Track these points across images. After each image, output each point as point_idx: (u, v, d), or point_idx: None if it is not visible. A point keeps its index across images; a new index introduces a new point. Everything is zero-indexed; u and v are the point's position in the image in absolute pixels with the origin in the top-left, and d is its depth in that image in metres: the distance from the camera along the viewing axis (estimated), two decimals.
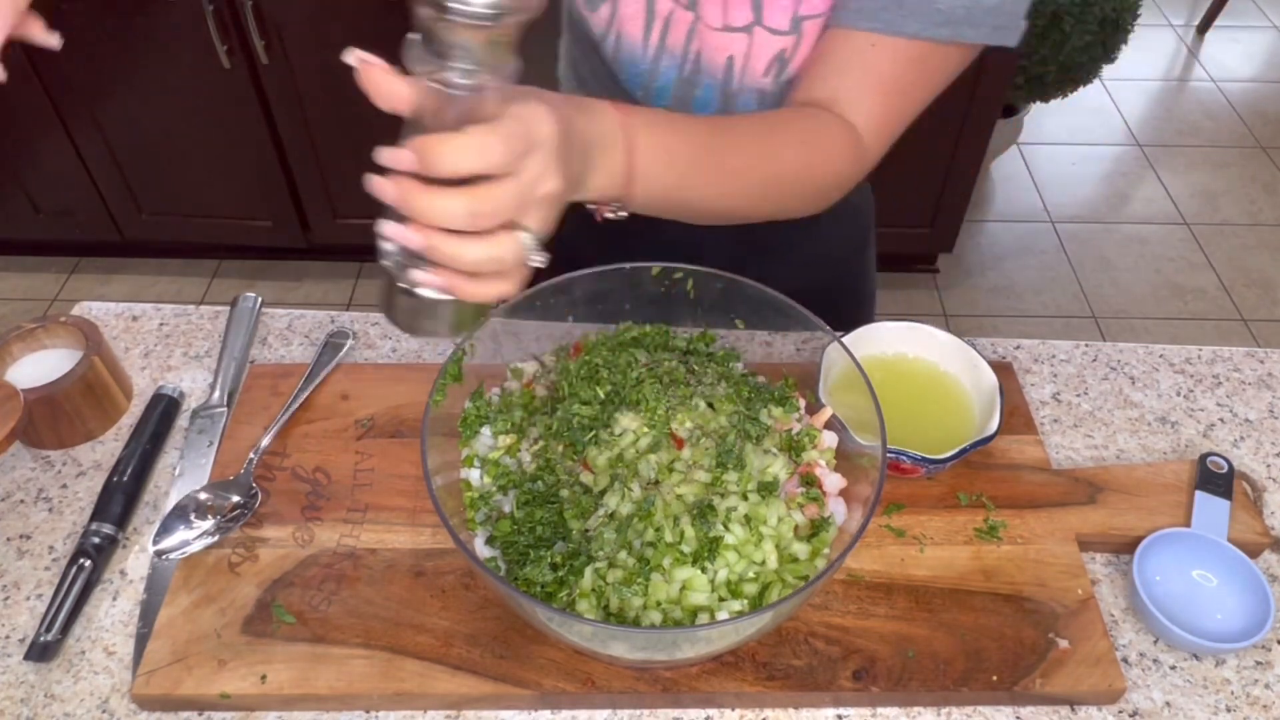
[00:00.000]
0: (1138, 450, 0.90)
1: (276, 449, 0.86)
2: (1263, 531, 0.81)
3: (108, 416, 0.88)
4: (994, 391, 0.83)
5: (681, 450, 0.72)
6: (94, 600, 0.76)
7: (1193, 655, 0.75)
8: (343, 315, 1.01)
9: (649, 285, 0.82)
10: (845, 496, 0.74)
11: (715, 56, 0.84)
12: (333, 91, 2.10)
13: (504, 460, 0.75)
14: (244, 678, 0.70)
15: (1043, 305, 2.55)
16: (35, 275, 2.55)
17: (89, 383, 0.85)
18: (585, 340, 0.82)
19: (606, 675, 0.71)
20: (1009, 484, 0.84)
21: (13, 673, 0.72)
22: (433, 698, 0.70)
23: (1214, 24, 3.54)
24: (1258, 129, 3.13)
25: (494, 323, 0.78)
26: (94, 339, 0.87)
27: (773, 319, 0.79)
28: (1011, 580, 0.77)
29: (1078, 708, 0.72)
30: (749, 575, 0.68)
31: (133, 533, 0.81)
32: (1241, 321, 2.50)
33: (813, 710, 0.72)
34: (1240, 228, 2.78)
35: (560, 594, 0.67)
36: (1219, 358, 0.99)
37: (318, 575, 0.76)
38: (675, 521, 0.68)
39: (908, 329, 0.89)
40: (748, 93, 0.86)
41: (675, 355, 0.81)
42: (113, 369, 0.88)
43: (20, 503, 0.84)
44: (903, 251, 2.50)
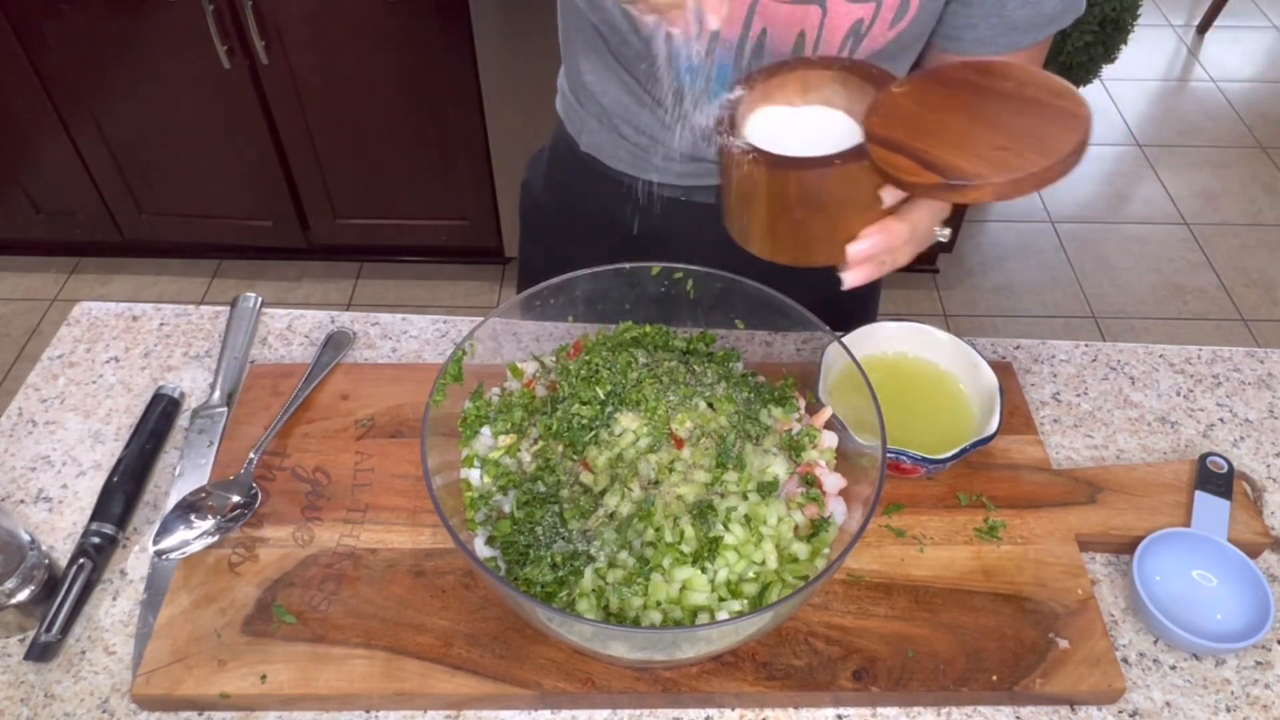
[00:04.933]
0: (1138, 450, 0.90)
1: (276, 449, 0.86)
2: (1263, 531, 0.81)
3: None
4: (994, 391, 0.82)
5: (681, 450, 0.72)
6: (94, 600, 0.76)
7: (1193, 655, 0.75)
8: (343, 315, 1.01)
9: (649, 285, 0.82)
10: (845, 496, 0.74)
11: (784, 34, 0.78)
12: (333, 91, 2.11)
13: (504, 460, 0.75)
14: (244, 678, 0.70)
15: (1043, 305, 2.55)
16: (35, 275, 2.55)
17: None
18: (585, 340, 0.82)
19: (606, 675, 0.71)
20: (1009, 484, 0.84)
21: (13, 673, 0.72)
22: (433, 698, 0.70)
23: (1214, 24, 3.54)
24: (1258, 129, 3.12)
25: (494, 323, 0.78)
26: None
27: (773, 319, 0.79)
28: (1011, 580, 0.77)
29: (1078, 708, 0.72)
30: (749, 575, 0.68)
31: (133, 533, 0.81)
32: (1241, 321, 2.50)
33: (813, 710, 0.72)
34: (1240, 228, 2.78)
35: (560, 594, 0.67)
36: (1219, 358, 0.99)
37: (318, 575, 0.76)
38: (675, 521, 0.68)
39: (908, 329, 0.89)
40: None
41: (675, 355, 0.81)
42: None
43: (21, 503, 0.84)
44: None
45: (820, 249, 0.61)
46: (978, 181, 0.51)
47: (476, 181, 2.27)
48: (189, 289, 2.54)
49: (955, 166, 0.52)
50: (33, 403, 0.92)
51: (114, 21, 1.98)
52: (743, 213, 0.62)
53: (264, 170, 2.26)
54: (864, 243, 0.59)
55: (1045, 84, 0.56)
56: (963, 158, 0.53)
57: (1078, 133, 0.52)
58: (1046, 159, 0.51)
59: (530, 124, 2.08)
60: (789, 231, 0.61)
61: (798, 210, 0.59)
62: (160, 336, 0.99)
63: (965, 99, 0.57)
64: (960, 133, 0.54)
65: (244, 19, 1.95)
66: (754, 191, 0.59)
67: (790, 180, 0.57)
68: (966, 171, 0.52)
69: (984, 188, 0.51)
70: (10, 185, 2.32)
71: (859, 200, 0.58)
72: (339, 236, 2.42)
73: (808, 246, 0.61)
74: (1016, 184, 0.51)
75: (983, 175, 0.51)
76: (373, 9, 1.95)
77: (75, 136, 2.20)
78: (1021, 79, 0.57)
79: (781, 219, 0.60)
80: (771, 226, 0.61)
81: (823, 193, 0.57)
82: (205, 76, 2.05)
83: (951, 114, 0.56)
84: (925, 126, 0.55)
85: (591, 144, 0.97)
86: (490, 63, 2.02)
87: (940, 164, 0.52)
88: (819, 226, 0.60)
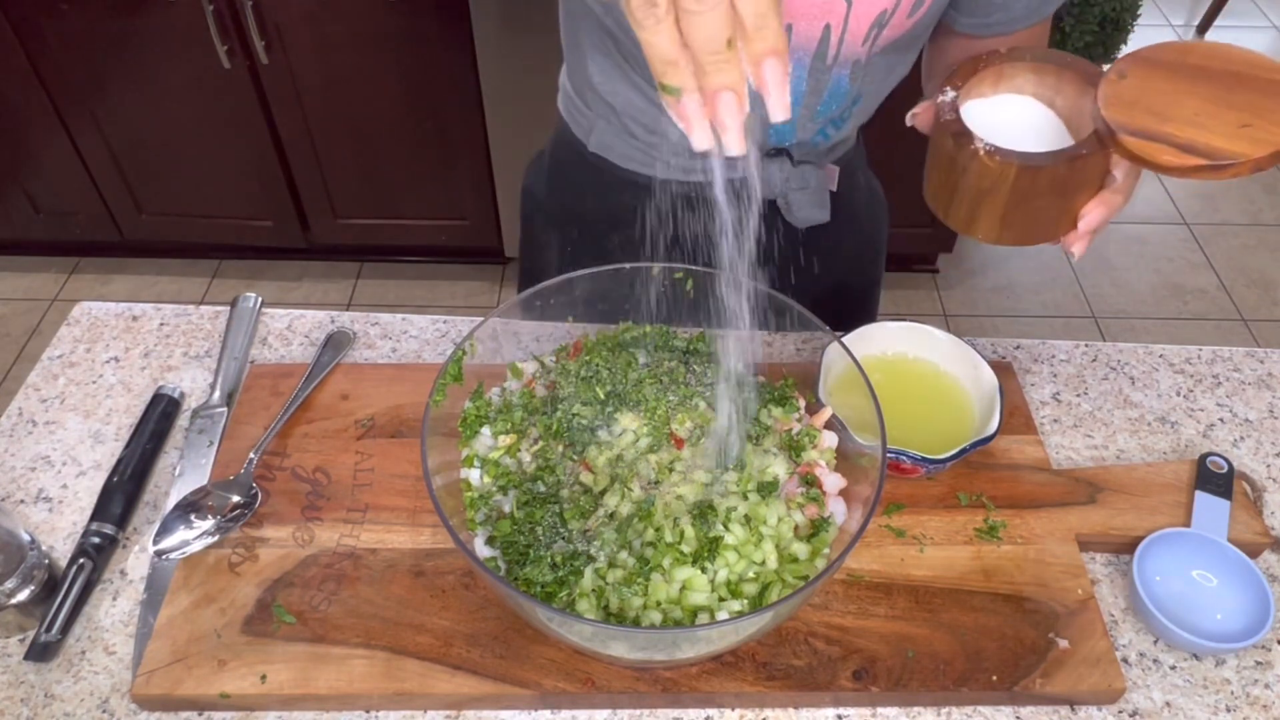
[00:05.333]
0: (1138, 450, 0.90)
1: (276, 449, 0.86)
2: (1263, 531, 0.81)
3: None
4: (994, 391, 0.82)
5: (681, 450, 0.72)
6: (94, 600, 0.76)
7: (1193, 655, 0.75)
8: (343, 315, 1.01)
9: (649, 285, 0.82)
10: (845, 496, 0.74)
11: (810, 28, 0.78)
12: (333, 91, 2.11)
13: (504, 460, 0.75)
14: (244, 678, 0.70)
15: (1043, 305, 2.55)
16: (35, 275, 2.55)
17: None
18: (585, 340, 0.82)
19: (606, 675, 0.71)
20: (1009, 484, 0.84)
21: (13, 673, 0.72)
22: (433, 698, 0.70)
23: (1214, 24, 3.54)
24: None
25: (494, 323, 0.78)
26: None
27: (773, 319, 0.79)
28: (1011, 580, 0.77)
29: (1078, 708, 0.72)
30: (749, 575, 0.68)
31: (133, 533, 0.81)
32: (1241, 321, 2.50)
33: (813, 710, 0.72)
34: (1240, 228, 2.78)
35: (560, 594, 0.67)
36: (1219, 358, 0.99)
37: (318, 575, 0.76)
38: (675, 521, 0.68)
39: (908, 329, 0.89)
40: (841, 68, 0.82)
41: (675, 355, 0.81)
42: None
43: (21, 503, 0.84)
44: (903, 251, 2.50)
45: (1050, 229, 0.67)
46: (1241, 158, 0.55)
47: (476, 182, 2.27)
48: (189, 289, 2.54)
49: (1214, 147, 0.56)
50: (33, 403, 0.92)
51: (114, 21, 1.98)
52: (974, 205, 0.66)
53: (264, 170, 2.26)
54: (1092, 217, 0.65)
55: (1250, 60, 0.60)
56: (1215, 137, 0.57)
57: None
58: None
59: (530, 124, 2.08)
60: (1024, 218, 0.66)
61: (1040, 200, 0.64)
62: (160, 336, 0.99)
63: (1185, 81, 0.61)
64: (1198, 113, 0.58)
65: (244, 19, 1.95)
66: (996, 187, 0.64)
67: (1040, 175, 0.62)
68: (1227, 151, 0.56)
69: (1244, 164, 0.56)
70: (10, 185, 2.32)
71: (1092, 182, 0.64)
72: (339, 236, 2.42)
73: (1040, 229, 0.67)
74: (1275, 156, 0.56)
75: (1243, 152, 0.56)
76: (373, 9, 1.95)
77: (75, 136, 2.20)
78: (1224, 57, 0.61)
79: (1020, 209, 0.65)
80: (1006, 215, 0.66)
81: (1068, 183, 0.63)
82: (205, 76, 2.05)
83: (1180, 96, 0.60)
84: (1162, 111, 0.59)
85: (600, 144, 0.97)
86: (490, 63, 2.02)
87: (1198, 147, 0.57)
88: (1054, 210, 0.65)
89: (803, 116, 0.86)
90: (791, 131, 0.88)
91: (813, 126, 0.89)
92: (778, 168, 0.93)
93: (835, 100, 0.86)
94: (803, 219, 0.96)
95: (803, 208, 0.95)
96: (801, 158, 0.93)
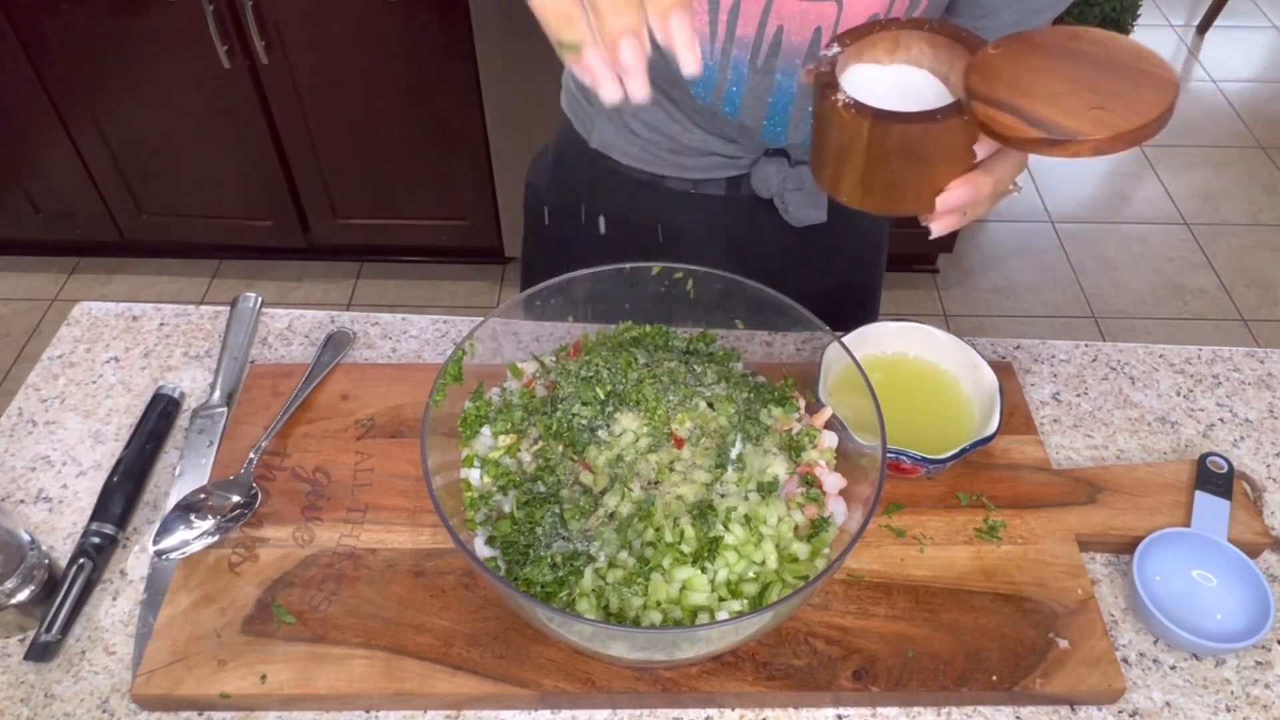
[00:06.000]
0: (1138, 450, 0.90)
1: (276, 449, 0.86)
2: (1263, 531, 0.81)
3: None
4: (994, 391, 0.82)
5: (681, 450, 0.72)
6: (94, 600, 0.76)
7: (1193, 655, 0.75)
8: (343, 315, 1.01)
9: (649, 285, 0.82)
10: (845, 496, 0.74)
11: (800, 31, 0.78)
12: (333, 91, 2.11)
13: (504, 460, 0.75)
14: (244, 678, 0.70)
15: (1043, 305, 2.55)
16: (35, 275, 2.55)
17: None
18: (585, 340, 0.82)
19: (606, 675, 0.71)
20: (1009, 484, 0.84)
21: (13, 673, 0.72)
22: (433, 698, 0.70)
23: (1214, 24, 3.54)
24: (1258, 129, 3.12)
25: (494, 323, 0.78)
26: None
27: (773, 319, 0.79)
28: (1011, 580, 0.77)
29: (1078, 708, 0.72)
30: (749, 575, 0.68)
31: (133, 533, 0.81)
32: (1241, 321, 2.50)
33: (813, 710, 0.72)
34: (1240, 228, 2.78)
35: (560, 594, 0.67)
36: (1219, 358, 0.99)
37: (318, 575, 0.76)
38: (675, 521, 0.68)
39: (908, 329, 0.89)
40: None
41: (675, 355, 0.81)
42: None
43: (21, 503, 0.84)
44: (903, 251, 2.50)
45: (910, 199, 0.65)
46: (1080, 137, 0.56)
47: (476, 181, 2.27)
48: (189, 289, 2.54)
49: (1058, 123, 0.56)
50: (33, 403, 0.92)
51: (114, 21, 1.98)
52: (838, 162, 0.65)
53: (264, 170, 2.26)
54: (952, 194, 0.63)
55: (1132, 50, 0.60)
56: (1063, 115, 0.57)
57: (1168, 95, 0.57)
58: (1141, 119, 0.56)
59: (531, 124, 2.08)
60: (883, 182, 0.64)
61: (895, 161, 0.62)
62: (160, 336, 0.99)
63: (1058, 62, 0.61)
64: (1058, 92, 0.58)
65: (244, 19, 1.95)
66: (853, 143, 0.62)
67: (893, 133, 0.61)
68: (1069, 128, 0.56)
69: (1085, 143, 0.56)
70: (10, 185, 2.32)
71: (953, 154, 0.62)
72: (339, 236, 2.42)
73: (899, 196, 0.65)
74: (1114, 140, 0.56)
75: (1084, 131, 0.56)
76: (373, 9, 1.95)
77: (75, 136, 2.20)
78: (1109, 44, 0.61)
79: (878, 169, 0.64)
80: (865, 177, 0.64)
81: (922, 146, 0.61)
82: (205, 76, 2.05)
83: (1047, 75, 0.60)
84: (1024, 86, 0.59)
85: (601, 141, 0.97)
86: (490, 63, 2.02)
87: (1043, 120, 0.57)
88: (912, 177, 0.64)
89: (796, 117, 0.86)
90: (785, 132, 0.88)
91: (806, 128, 0.89)
92: (774, 168, 0.93)
93: None
94: (799, 219, 0.96)
95: (799, 208, 0.95)
96: (799, 158, 0.94)
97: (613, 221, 1.02)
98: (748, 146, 0.92)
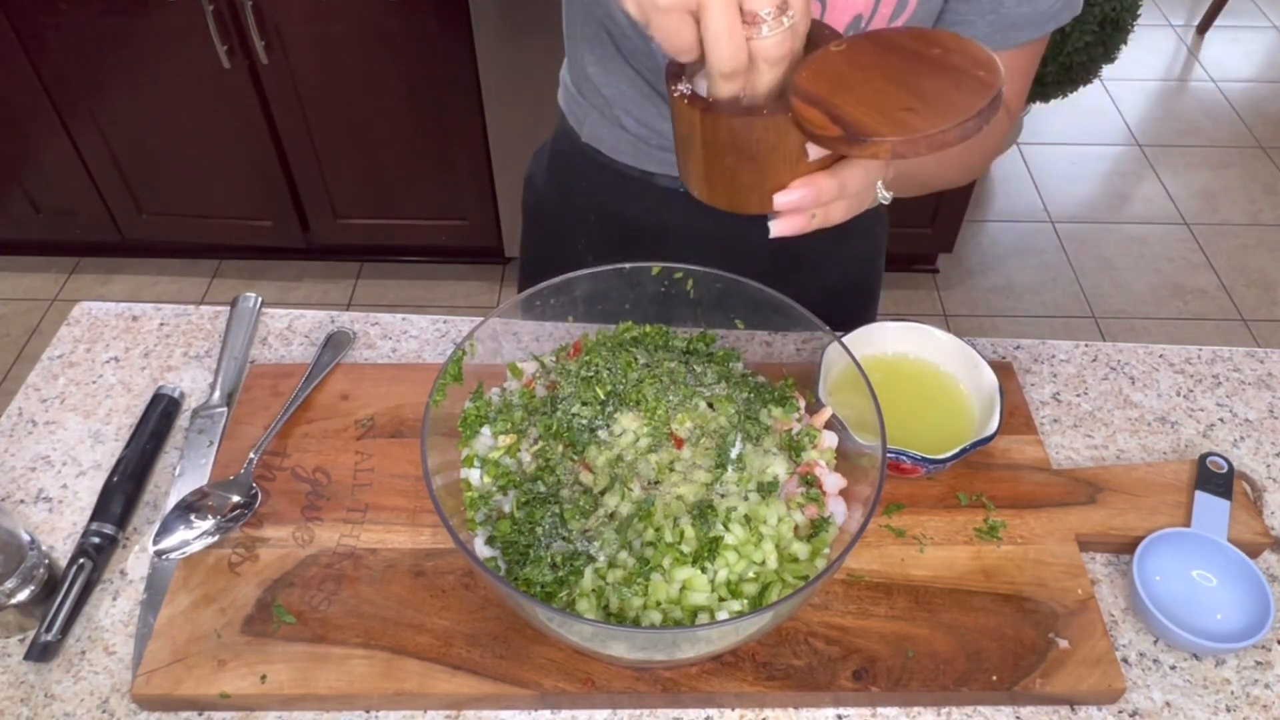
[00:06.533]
0: (1138, 450, 0.90)
1: (276, 449, 0.86)
2: (1263, 531, 0.81)
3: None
4: (994, 391, 0.82)
5: (681, 450, 0.72)
6: (94, 600, 0.76)
7: (1193, 655, 0.75)
8: (343, 315, 1.01)
9: (649, 285, 0.82)
10: (845, 496, 0.74)
11: (840, 19, 0.78)
12: (333, 91, 2.11)
13: (504, 460, 0.75)
14: (244, 678, 0.70)
15: (1043, 305, 2.55)
16: (35, 275, 2.55)
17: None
18: (585, 340, 0.82)
19: (606, 675, 0.71)
20: (1009, 484, 0.84)
21: (13, 673, 0.72)
22: (433, 698, 0.70)
23: (1214, 24, 3.54)
24: (1258, 129, 3.13)
25: (494, 323, 0.78)
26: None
27: (773, 319, 0.79)
28: (1011, 580, 0.77)
29: (1078, 708, 0.72)
30: (749, 575, 0.68)
31: (133, 533, 0.81)
32: (1241, 321, 2.50)
33: (813, 710, 0.72)
34: (1240, 228, 2.78)
35: (560, 594, 0.67)
36: (1219, 358, 0.99)
37: (318, 575, 0.76)
38: (675, 521, 0.68)
39: (908, 329, 0.89)
40: None
41: (675, 355, 0.81)
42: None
43: (21, 503, 0.84)
44: (903, 251, 2.50)
45: (753, 197, 0.64)
46: (875, 139, 0.54)
47: (476, 181, 2.27)
48: (189, 289, 2.54)
49: (858, 122, 0.55)
50: (33, 403, 0.92)
51: (114, 21, 1.98)
52: (684, 155, 0.65)
53: (264, 170, 2.26)
54: (791, 194, 0.62)
55: (971, 54, 0.58)
56: (868, 115, 0.55)
57: (981, 98, 0.55)
58: (944, 123, 0.54)
59: (530, 123, 2.08)
60: (722, 177, 0.64)
61: (729, 156, 0.62)
62: (160, 336, 0.99)
63: (891, 61, 0.59)
64: (875, 92, 0.57)
65: (244, 19, 1.95)
66: (691, 135, 0.62)
67: (720, 125, 0.60)
68: (868, 128, 0.54)
69: (881, 144, 0.54)
70: (10, 185, 2.32)
71: (787, 152, 0.61)
72: (339, 236, 2.42)
73: (740, 193, 0.64)
74: (911, 144, 0.54)
75: (881, 133, 0.54)
76: (373, 9, 1.95)
77: (75, 136, 2.20)
78: (950, 47, 0.59)
79: (715, 164, 0.63)
80: (707, 171, 0.64)
81: (751, 141, 0.60)
82: (205, 76, 2.05)
83: (873, 74, 0.58)
84: (847, 84, 0.57)
85: (592, 135, 0.97)
86: (490, 63, 2.02)
87: (846, 119, 0.55)
88: (749, 174, 0.62)
89: None
90: None
91: None
92: None
93: None
94: None
95: None
96: None
97: (607, 217, 1.02)
98: None
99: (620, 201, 1.00)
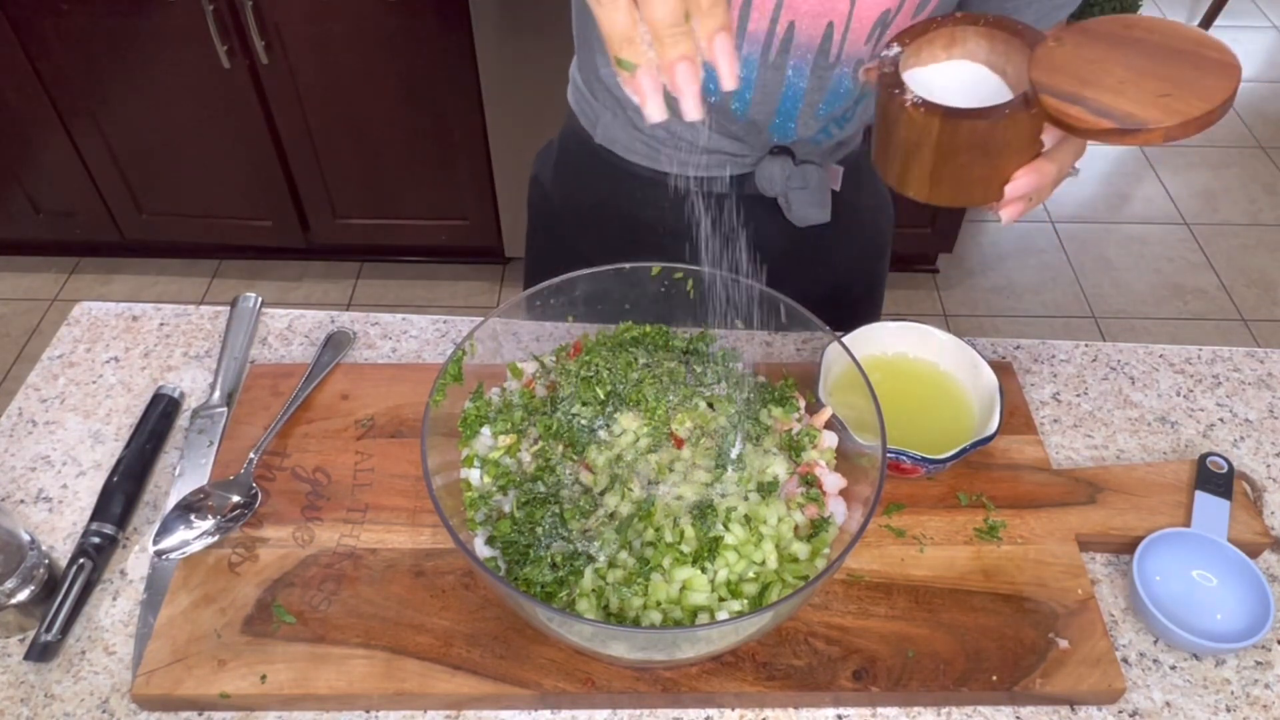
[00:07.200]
0: (1138, 450, 0.90)
1: (276, 449, 0.86)
2: (1263, 531, 0.81)
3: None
4: (994, 391, 0.83)
5: (681, 450, 0.72)
6: (94, 600, 0.76)
7: (1193, 655, 0.75)
8: (343, 315, 1.01)
9: (649, 285, 0.82)
10: (845, 496, 0.74)
11: (812, 27, 0.79)
12: (333, 91, 2.11)
13: (504, 460, 0.75)
14: (244, 678, 0.70)
15: (1043, 305, 2.55)
16: (35, 275, 2.55)
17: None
18: (585, 340, 0.82)
19: (606, 675, 0.71)
20: (1009, 484, 0.84)
21: (13, 673, 0.72)
22: (433, 698, 0.70)
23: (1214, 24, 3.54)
24: (1258, 129, 3.13)
25: (494, 323, 0.78)
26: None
27: (773, 319, 0.79)
28: (1011, 580, 0.77)
29: (1078, 708, 0.72)
30: (749, 575, 0.68)
31: (133, 533, 0.81)
32: (1241, 321, 2.50)
33: (813, 710, 0.72)
34: (1240, 228, 2.78)
35: (560, 594, 0.67)
36: (1219, 358, 0.99)
37: (318, 575, 0.76)
38: (675, 521, 0.68)
39: (908, 329, 0.89)
40: (844, 66, 0.83)
41: (675, 355, 0.81)
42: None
43: (21, 503, 0.84)
44: (903, 251, 2.50)
45: (978, 191, 0.67)
46: (1151, 125, 0.57)
47: (476, 181, 2.27)
48: (189, 289, 2.54)
49: (1128, 112, 0.58)
50: (33, 403, 0.92)
51: (114, 21, 1.98)
52: (905, 159, 0.67)
53: (264, 170, 2.26)
54: (1019, 182, 0.65)
55: (1189, 36, 0.62)
56: (1131, 104, 0.58)
57: (1233, 80, 0.58)
58: (1208, 104, 0.57)
59: (530, 124, 2.08)
60: (951, 176, 0.66)
61: (964, 156, 0.64)
62: (160, 336, 0.99)
63: (1118, 51, 0.62)
64: (1123, 81, 0.60)
65: (244, 19, 1.95)
66: (922, 140, 0.64)
67: (963, 129, 0.62)
68: (1139, 117, 0.58)
69: (1155, 131, 0.57)
70: (10, 185, 2.32)
71: (1020, 145, 0.64)
72: (339, 236, 2.42)
73: (967, 189, 0.67)
74: (1184, 126, 0.57)
75: (1155, 119, 0.57)
76: (373, 9, 1.95)
77: (75, 136, 2.20)
78: (1165, 31, 0.62)
79: (947, 164, 0.65)
80: (935, 172, 0.66)
81: (991, 140, 0.63)
82: (205, 76, 2.05)
83: (1110, 65, 0.61)
84: (1088, 77, 0.60)
85: (606, 136, 0.97)
86: (490, 63, 2.02)
87: (1115, 112, 0.58)
88: (981, 170, 0.66)
89: (805, 114, 0.86)
90: (795, 127, 0.88)
91: (815, 124, 0.89)
92: (779, 166, 0.93)
93: (838, 99, 0.86)
94: (801, 218, 0.96)
95: (802, 207, 0.95)
96: (804, 156, 0.93)
97: (616, 217, 1.02)
98: (753, 144, 0.92)
99: (631, 202, 1.00)
